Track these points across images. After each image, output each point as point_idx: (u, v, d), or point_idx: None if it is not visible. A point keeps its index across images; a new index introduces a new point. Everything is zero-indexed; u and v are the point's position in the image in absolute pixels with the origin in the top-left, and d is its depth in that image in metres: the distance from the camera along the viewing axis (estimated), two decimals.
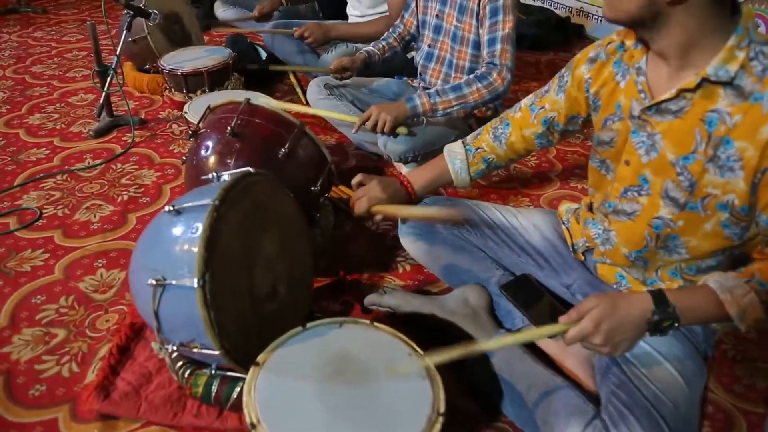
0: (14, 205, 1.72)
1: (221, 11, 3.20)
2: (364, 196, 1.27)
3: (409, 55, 2.32)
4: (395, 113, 1.69)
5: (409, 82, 2.16)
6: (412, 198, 1.33)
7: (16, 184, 1.83)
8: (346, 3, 2.63)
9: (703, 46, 0.92)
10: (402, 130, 1.73)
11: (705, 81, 0.92)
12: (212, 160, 1.32)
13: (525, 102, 1.30)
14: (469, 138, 1.36)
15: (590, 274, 1.24)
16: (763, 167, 0.89)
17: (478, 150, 1.33)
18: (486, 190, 1.87)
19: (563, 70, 1.24)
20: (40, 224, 1.64)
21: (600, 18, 3.32)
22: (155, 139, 2.10)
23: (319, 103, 2.04)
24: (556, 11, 3.48)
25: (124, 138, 2.10)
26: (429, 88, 2.02)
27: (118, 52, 2.09)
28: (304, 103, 2.37)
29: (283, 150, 1.32)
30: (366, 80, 2.15)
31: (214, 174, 1.10)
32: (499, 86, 1.73)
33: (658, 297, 0.88)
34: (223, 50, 2.34)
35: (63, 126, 2.19)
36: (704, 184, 0.96)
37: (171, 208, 0.99)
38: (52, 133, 2.14)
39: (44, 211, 1.70)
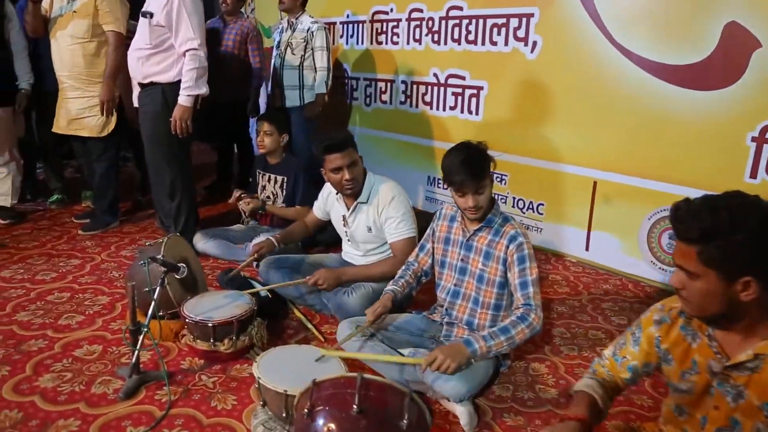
0: None
1: (201, 243, 3.32)
2: None
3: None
4: (459, 358, 1.85)
5: (429, 317, 2.37)
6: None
7: None
8: (319, 237, 2.87)
9: (765, 323, 1.23)
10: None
11: None
12: None
13: (608, 353, 1.58)
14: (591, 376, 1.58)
15: None
16: None
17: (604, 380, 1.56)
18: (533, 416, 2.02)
19: (633, 327, 1.53)
20: None
21: None
22: (191, 396, 2.08)
23: (354, 345, 2.17)
24: None
25: (156, 397, 2.05)
26: (454, 322, 2.24)
27: (151, 309, 2.12)
28: (322, 339, 2.48)
29: (404, 421, 1.42)
30: (389, 317, 2.32)
31: None
32: (537, 325, 1.98)
33: None
34: (242, 296, 2.44)
35: (82, 388, 2.10)
36: None
37: None
38: (73, 397, 2.04)
39: None
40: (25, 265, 3.24)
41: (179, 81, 3.12)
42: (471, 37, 4.07)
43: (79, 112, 3.61)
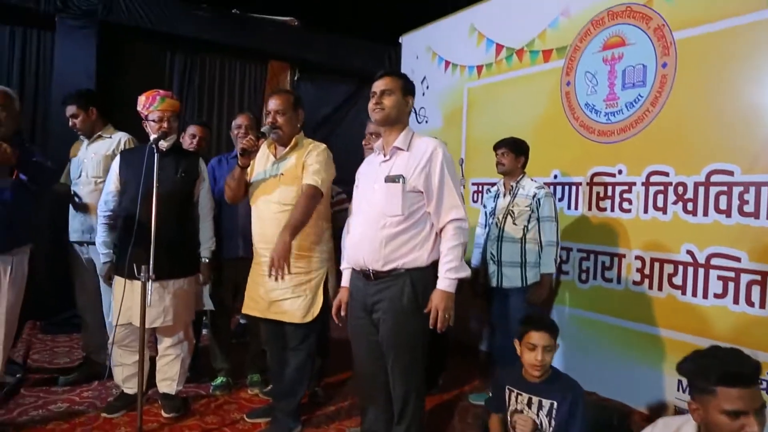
0: None
1: None
2: None
3: None
4: None
5: None
6: None
7: None
8: None
9: None
10: None
11: None
12: None
13: None
14: None
15: None
16: None
17: None
18: None
19: None
20: None
21: None
22: None
23: None
24: None
25: None
26: None
27: None
28: None
29: None
30: None
31: None
32: None
33: None
34: None
35: None
36: None
37: None
38: None
39: None
40: None
41: (430, 265, 2.45)
42: (748, 209, 3.20)
43: (282, 292, 2.99)
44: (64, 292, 4.18)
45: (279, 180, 3.00)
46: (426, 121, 5.69)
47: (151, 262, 2.82)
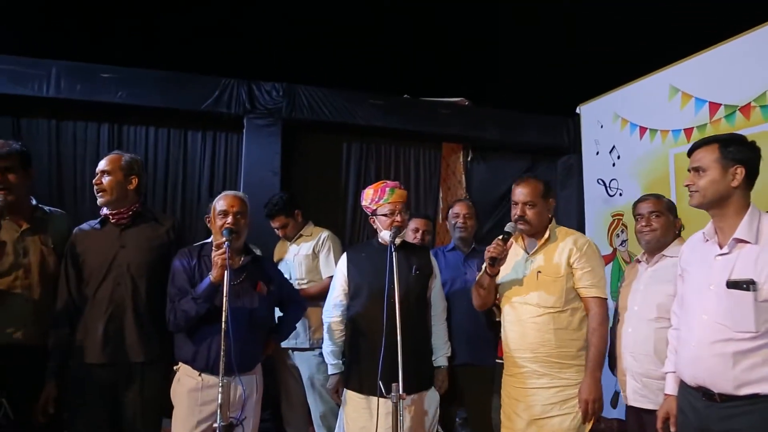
0: None
1: None
2: None
3: None
4: None
5: None
6: None
7: None
8: None
9: None
10: None
11: None
12: None
13: None
14: None
15: None
16: None
17: None
18: None
19: None
20: None
21: None
22: None
23: None
24: None
25: None
26: None
27: None
28: None
29: None
30: None
31: None
32: None
33: None
34: None
35: None
36: None
37: None
38: None
39: None
40: None
41: None
42: None
43: (547, 408, 2.56)
44: None
45: (537, 279, 2.62)
46: (620, 194, 5.17)
47: (400, 378, 2.50)
